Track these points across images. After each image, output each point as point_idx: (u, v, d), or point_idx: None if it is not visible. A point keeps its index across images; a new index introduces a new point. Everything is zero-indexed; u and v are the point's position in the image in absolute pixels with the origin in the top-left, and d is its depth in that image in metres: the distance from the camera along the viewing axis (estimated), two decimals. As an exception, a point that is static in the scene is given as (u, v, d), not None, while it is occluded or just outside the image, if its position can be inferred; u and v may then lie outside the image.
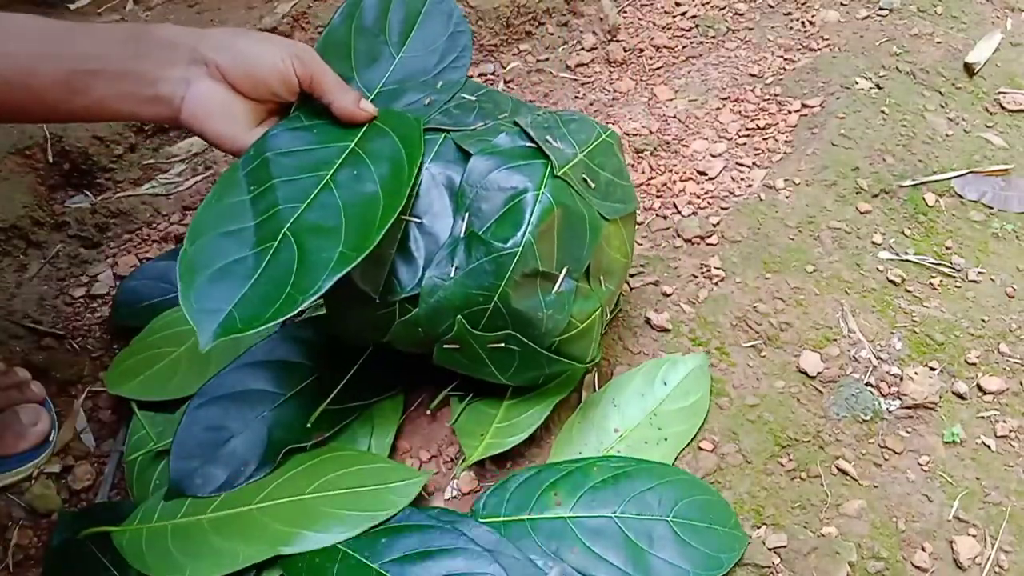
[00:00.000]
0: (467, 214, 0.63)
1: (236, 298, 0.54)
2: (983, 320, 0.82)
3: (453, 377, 0.72)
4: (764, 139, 0.99)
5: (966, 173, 0.95)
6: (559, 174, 0.65)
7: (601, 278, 0.70)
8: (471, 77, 0.79)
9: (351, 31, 0.72)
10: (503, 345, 0.65)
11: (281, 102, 0.64)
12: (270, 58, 0.60)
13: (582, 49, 1.14)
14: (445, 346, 0.65)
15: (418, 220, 0.64)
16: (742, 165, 0.96)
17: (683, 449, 0.71)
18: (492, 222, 0.63)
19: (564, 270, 0.65)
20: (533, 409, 0.71)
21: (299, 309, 0.54)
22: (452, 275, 0.63)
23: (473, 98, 0.71)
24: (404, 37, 0.73)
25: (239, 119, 0.62)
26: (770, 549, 0.65)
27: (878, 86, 1.03)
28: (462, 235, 0.63)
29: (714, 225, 0.89)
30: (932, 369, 0.78)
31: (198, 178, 0.98)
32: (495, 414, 0.71)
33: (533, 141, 0.66)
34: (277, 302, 0.54)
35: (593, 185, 0.68)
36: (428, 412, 0.74)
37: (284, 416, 0.68)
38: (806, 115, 1.01)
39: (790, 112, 1.02)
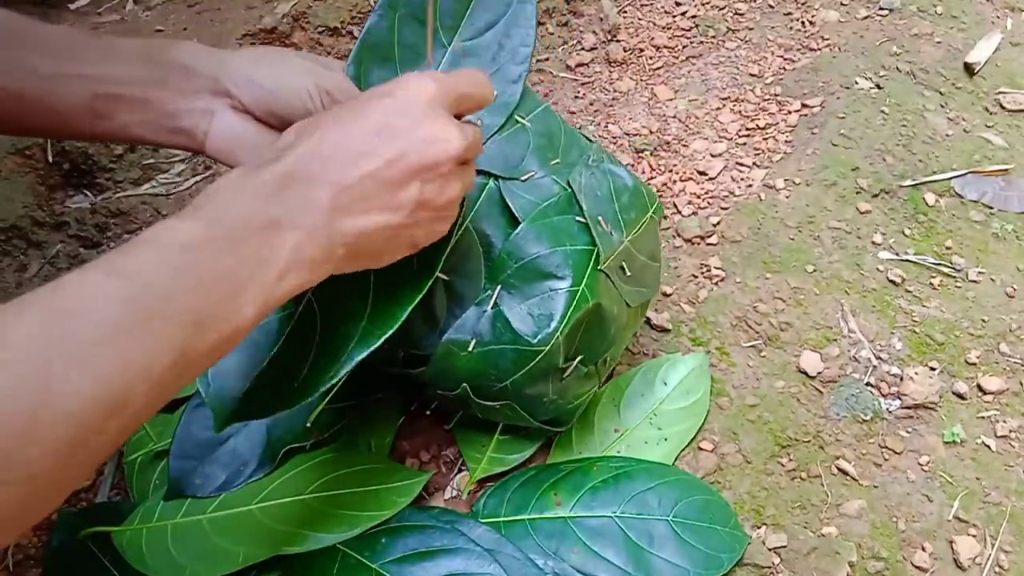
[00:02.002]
0: (500, 287, 0.60)
1: (253, 375, 0.52)
2: (983, 320, 0.82)
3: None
4: (764, 139, 0.99)
5: (966, 173, 0.95)
6: (602, 267, 0.62)
7: (607, 359, 0.68)
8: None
9: (395, 23, 0.62)
10: (497, 407, 0.64)
11: None
12: (294, 93, 0.55)
13: (582, 49, 1.14)
14: (439, 391, 0.64)
15: (445, 279, 0.60)
16: (742, 165, 0.96)
17: (683, 449, 0.71)
18: (523, 305, 0.60)
19: (577, 359, 0.63)
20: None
21: (310, 399, 0.50)
22: (471, 348, 0.60)
23: (527, 122, 0.64)
24: (459, 18, 0.63)
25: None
26: (770, 549, 0.65)
27: (878, 86, 1.03)
28: (490, 307, 0.60)
29: (714, 225, 0.89)
30: (932, 369, 0.78)
31: (198, 178, 0.98)
32: (495, 428, 0.71)
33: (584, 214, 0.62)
34: (294, 383, 0.50)
35: (628, 273, 0.65)
36: (428, 413, 0.73)
37: (283, 415, 0.68)
38: (806, 115, 1.01)
39: (790, 112, 1.02)
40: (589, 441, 0.71)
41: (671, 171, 0.96)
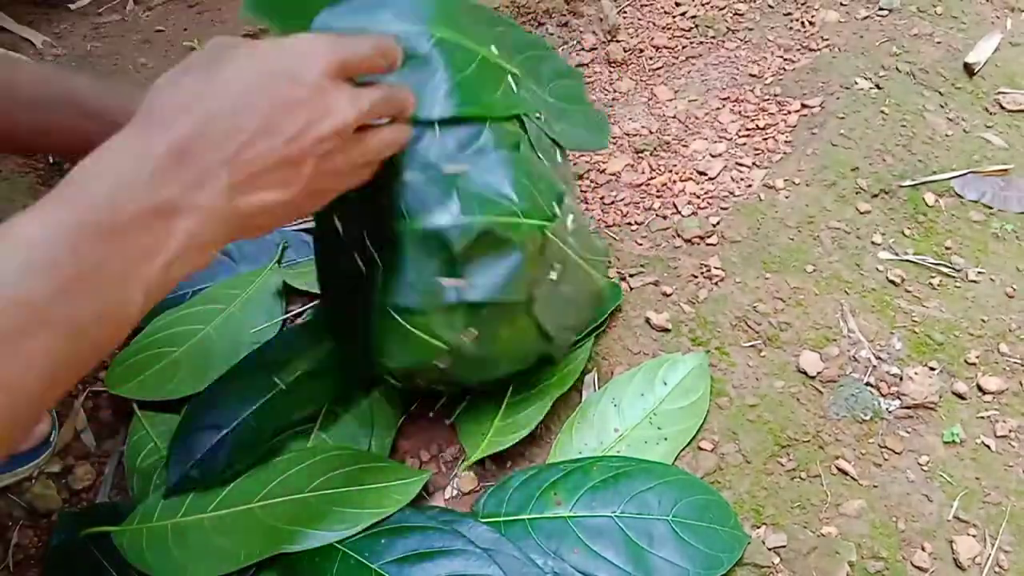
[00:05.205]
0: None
1: None
2: (983, 320, 0.82)
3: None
4: (764, 139, 0.99)
5: (966, 173, 0.95)
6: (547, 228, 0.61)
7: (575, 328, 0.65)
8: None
9: None
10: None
11: None
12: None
13: (582, 49, 1.14)
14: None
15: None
16: (742, 165, 0.96)
17: (683, 449, 0.71)
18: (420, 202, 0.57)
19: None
20: (533, 407, 0.71)
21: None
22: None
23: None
24: None
25: None
26: (770, 549, 0.65)
27: (878, 86, 1.03)
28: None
29: (714, 225, 0.89)
30: (932, 369, 0.78)
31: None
32: (495, 413, 0.71)
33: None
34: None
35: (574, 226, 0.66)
36: (431, 415, 0.74)
37: (282, 408, 0.69)
38: (806, 115, 1.01)
39: (790, 112, 1.02)
40: (589, 441, 0.71)
41: (671, 171, 0.96)
